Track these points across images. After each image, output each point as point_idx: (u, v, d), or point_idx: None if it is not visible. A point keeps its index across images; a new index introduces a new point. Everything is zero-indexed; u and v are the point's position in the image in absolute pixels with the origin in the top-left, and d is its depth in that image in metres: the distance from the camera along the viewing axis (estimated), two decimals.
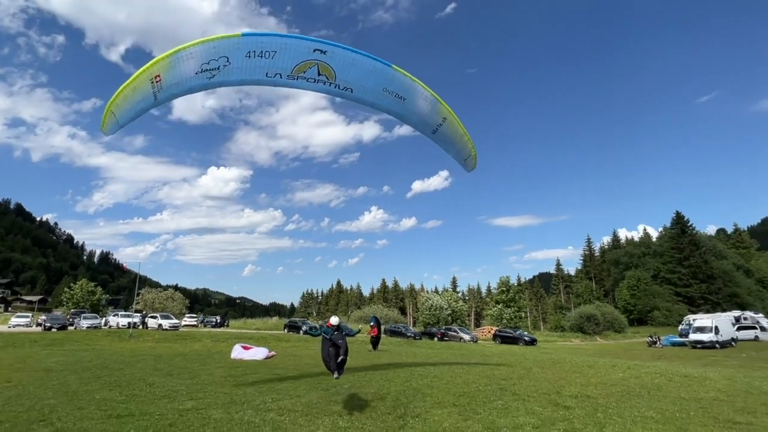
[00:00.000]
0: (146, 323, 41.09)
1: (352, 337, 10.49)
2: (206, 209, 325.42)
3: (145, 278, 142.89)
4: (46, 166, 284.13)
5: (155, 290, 67.95)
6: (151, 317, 42.41)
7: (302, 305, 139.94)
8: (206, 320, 57.33)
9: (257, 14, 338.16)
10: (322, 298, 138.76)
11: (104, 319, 43.90)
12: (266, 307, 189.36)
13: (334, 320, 10.08)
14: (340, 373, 9.43)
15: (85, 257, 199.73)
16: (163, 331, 35.60)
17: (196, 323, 52.24)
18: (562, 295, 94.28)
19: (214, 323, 54.37)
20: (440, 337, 42.12)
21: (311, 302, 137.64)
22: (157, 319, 40.67)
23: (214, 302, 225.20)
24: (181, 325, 44.19)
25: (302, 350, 23.67)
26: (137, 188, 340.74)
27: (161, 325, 38.87)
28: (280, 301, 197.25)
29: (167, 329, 37.02)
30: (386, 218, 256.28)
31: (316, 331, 10.81)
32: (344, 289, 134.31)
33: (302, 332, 37.14)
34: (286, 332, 40.56)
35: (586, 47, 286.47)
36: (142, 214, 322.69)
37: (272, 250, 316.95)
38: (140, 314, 45.38)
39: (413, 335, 41.27)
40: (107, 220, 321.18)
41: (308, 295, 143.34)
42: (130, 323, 37.51)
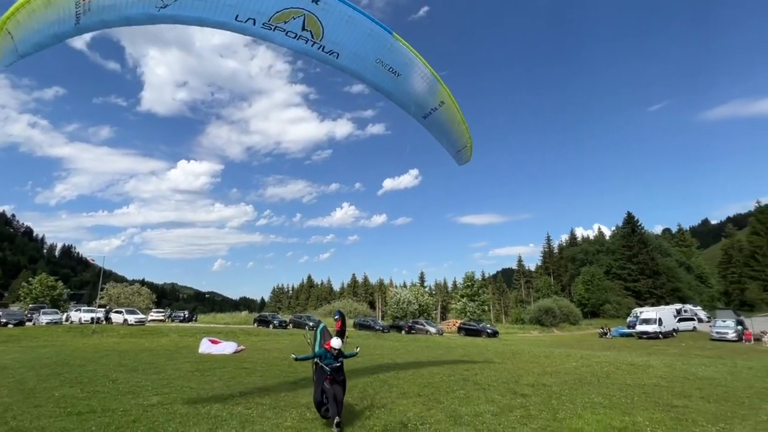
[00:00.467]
0: (110, 318, 39.94)
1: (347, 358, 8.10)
2: (175, 203, 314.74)
3: (110, 272, 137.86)
4: (3, 155, 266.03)
5: (121, 285, 65.60)
6: (115, 312, 41.13)
7: (273, 300, 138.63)
8: (174, 315, 56.46)
9: None
10: (292, 292, 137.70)
11: (65, 314, 42.23)
12: (236, 301, 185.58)
13: (335, 343, 7.34)
14: (341, 417, 6.91)
15: (45, 251, 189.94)
16: (128, 326, 34.61)
17: (163, 318, 51.30)
18: (523, 289, 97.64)
19: (181, 318, 53.63)
20: (407, 330, 42.82)
21: (282, 297, 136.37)
22: (122, 314, 39.47)
23: (182, 297, 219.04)
24: (147, 320, 43.11)
25: (271, 344, 23.68)
26: (102, 180, 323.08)
27: (126, 320, 37.75)
28: (250, 295, 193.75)
29: (133, 324, 36.00)
30: (357, 214, 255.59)
31: (309, 355, 7.91)
32: (315, 283, 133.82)
33: (271, 326, 36.72)
34: (256, 327, 40.26)
35: (549, 52, 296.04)
36: (107, 206, 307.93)
37: (243, 245, 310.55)
38: (104, 309, 43.94)
39: (382, 328, 41.78)
40: (70, 212, 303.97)
41: (279, 289, 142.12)
42: (93, 318, 36.39)
